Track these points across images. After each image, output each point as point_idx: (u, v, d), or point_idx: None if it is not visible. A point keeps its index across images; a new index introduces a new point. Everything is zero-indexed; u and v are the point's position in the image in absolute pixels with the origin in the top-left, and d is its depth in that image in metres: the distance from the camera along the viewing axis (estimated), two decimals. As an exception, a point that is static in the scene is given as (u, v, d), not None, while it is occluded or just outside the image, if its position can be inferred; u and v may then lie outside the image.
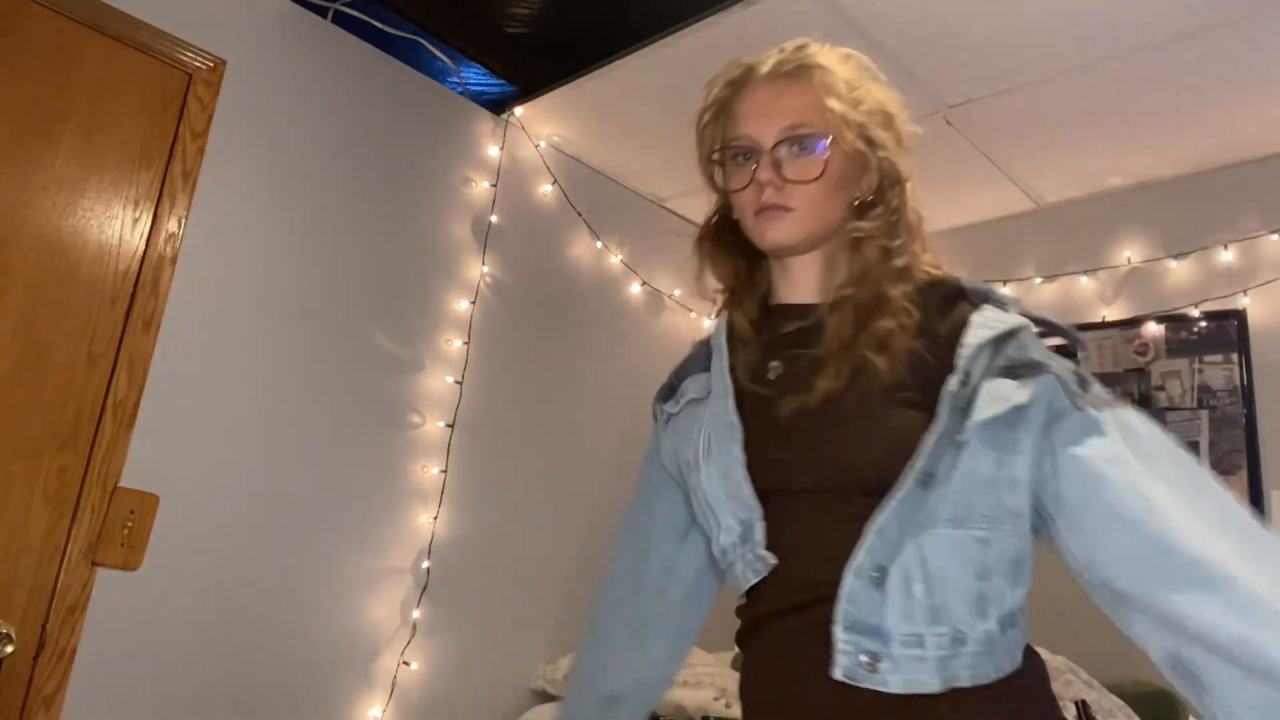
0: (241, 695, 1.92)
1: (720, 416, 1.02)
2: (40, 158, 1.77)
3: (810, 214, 1.01)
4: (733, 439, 0.99)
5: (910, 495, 0.86)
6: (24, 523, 1.69)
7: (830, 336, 0.97)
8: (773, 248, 1.04)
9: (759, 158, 1.02)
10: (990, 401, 0.86)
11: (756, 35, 2.09)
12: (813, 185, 1.00)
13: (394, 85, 2.34)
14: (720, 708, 2.12)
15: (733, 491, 0.97)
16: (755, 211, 1.02)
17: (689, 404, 1.11)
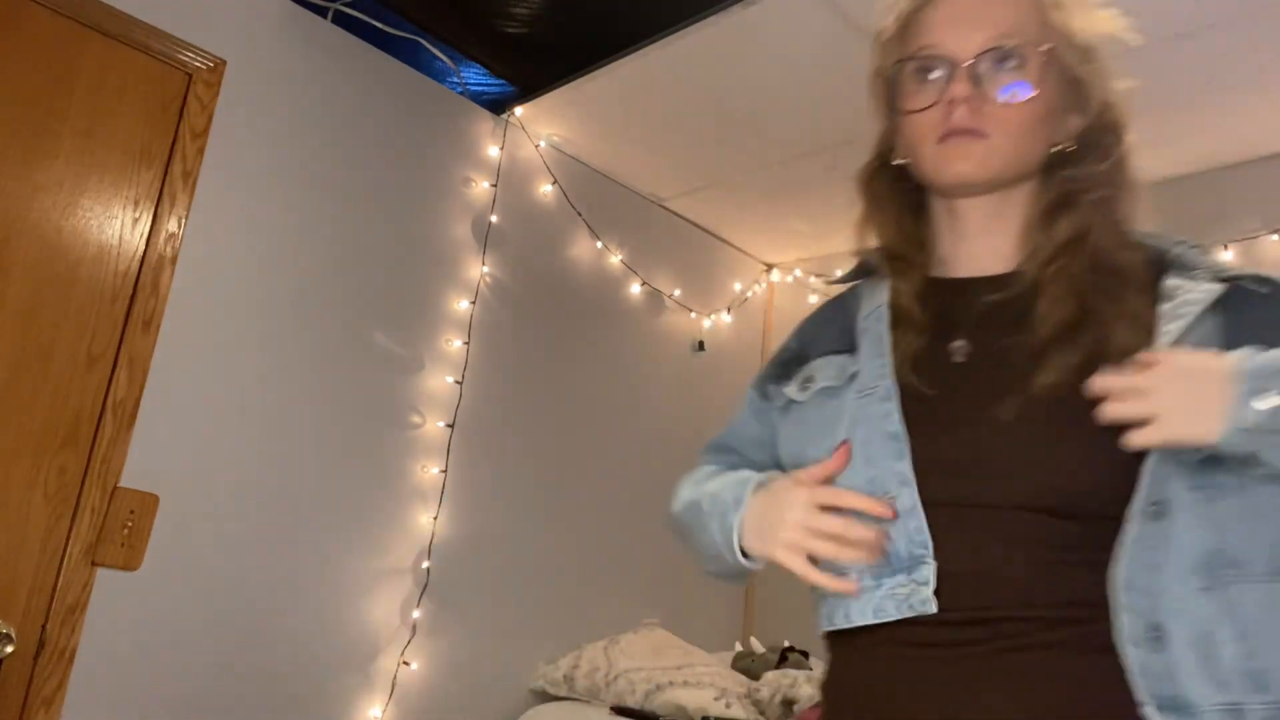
0: (241, 695, 1.92)
1: (876, 421, 0.83)
2: (40, 158, 1.77)
3: (1007, 147, 0.83)
4: (897, 453, 0.81)
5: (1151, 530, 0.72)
6: (24, 523, 1.69)
7: (1046, 316, 0.79)
8: (954, 184, 0.86)
9: (952, 72, 0.83)
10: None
11: (756, 35, 2.09)
12: (1018, 111, 0.82)
13: (394, 85, 2.34)
14: (720, 708, 2.12)
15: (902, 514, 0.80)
16: (940, 137, 0.84)
17: (821, 393, 0.91)
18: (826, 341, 0.95)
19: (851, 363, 0.89)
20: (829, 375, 0.91)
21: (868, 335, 0.89)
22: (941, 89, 0.83)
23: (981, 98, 0.82)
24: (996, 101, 0.82)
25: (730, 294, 3.19)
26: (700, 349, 3.04)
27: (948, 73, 0.83)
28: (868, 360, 0.87)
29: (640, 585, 2.74)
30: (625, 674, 2.26)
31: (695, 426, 3.01)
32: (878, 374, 0.85)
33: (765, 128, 2.47)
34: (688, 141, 2.60)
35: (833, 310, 0.99)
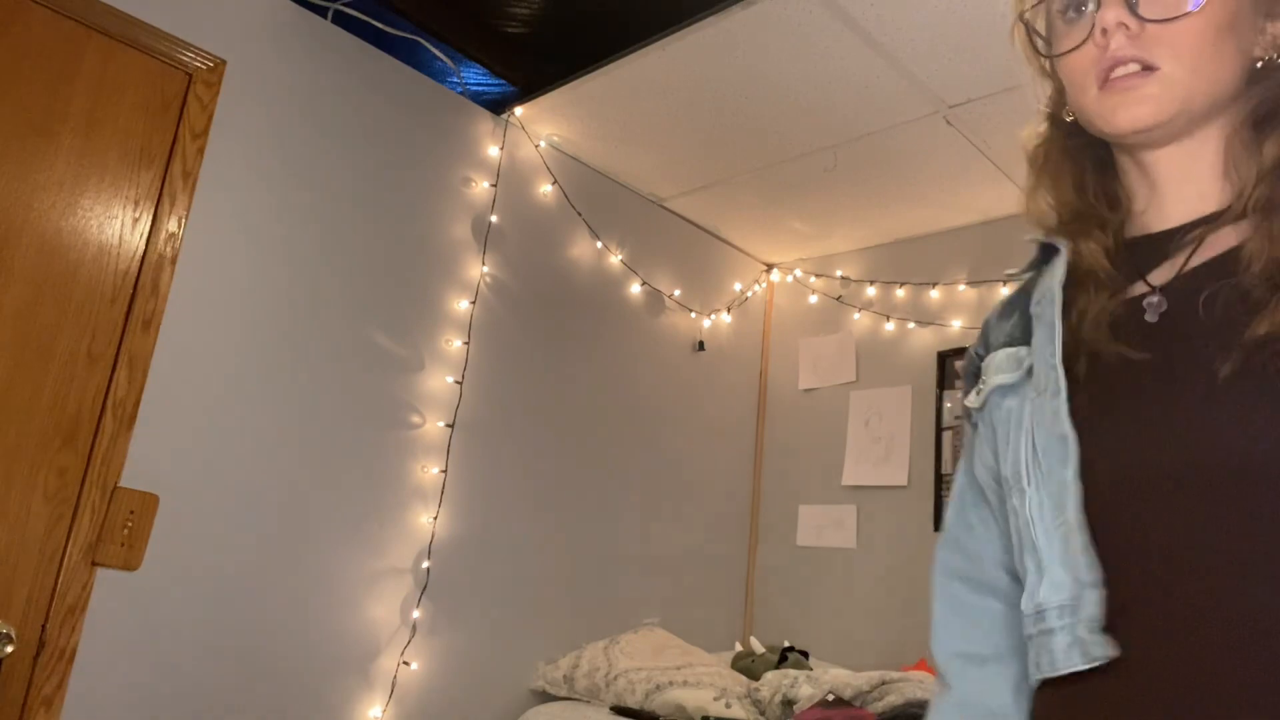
0: (241, 695, 1.92)
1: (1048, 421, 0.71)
2: (40, 158, 1.77)
3: (1187, 74, 0.68)
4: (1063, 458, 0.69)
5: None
6: (24, 523, 1.69)
7: (1256, 253, 0.64)
8: (1129, 130, 0.71)
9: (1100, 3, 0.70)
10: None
11: (756, 35, 2.09)
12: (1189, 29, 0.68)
13: (394, 85, 2.34)
14: (720, 708, 2.12)
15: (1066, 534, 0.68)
16: (1100, 79, 0.71)
17: (996, 392, 0.79)
18: (1002, 334, 0.82)
19: (1027, 354, 0.77)
20: (1003, 370, 0.78)
21: (1040, 322, 0.76)
22: (1092, 22, 0.71)
23: (1139, 19, 0.69)
24: (1161, 21, 0.68)
25: (730, 294, 3.19)
26: (700, 349, 3.04)
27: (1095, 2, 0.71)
28: (1040, 350, 0.74)
29: (640, 585, 2.74)
30: (625, 674, 2.26)
31: (695, 426, 3.01)
32: (1047, 365, 0.72)
33: (765, 127, 2.47)
34: (688, 141, 2.60)
35: (1010, 303, 0.86)
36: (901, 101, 2.28)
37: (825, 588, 2.83)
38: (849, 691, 2.06)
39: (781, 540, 3.02)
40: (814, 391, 3.11)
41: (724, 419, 3.11)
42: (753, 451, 3.19)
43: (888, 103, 2.29)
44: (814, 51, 2.13)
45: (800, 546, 2.96)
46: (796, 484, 3.05)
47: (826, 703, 2.06)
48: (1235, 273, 0.66)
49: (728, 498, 3.07)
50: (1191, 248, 0.70)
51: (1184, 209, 0.74)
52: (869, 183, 2.69)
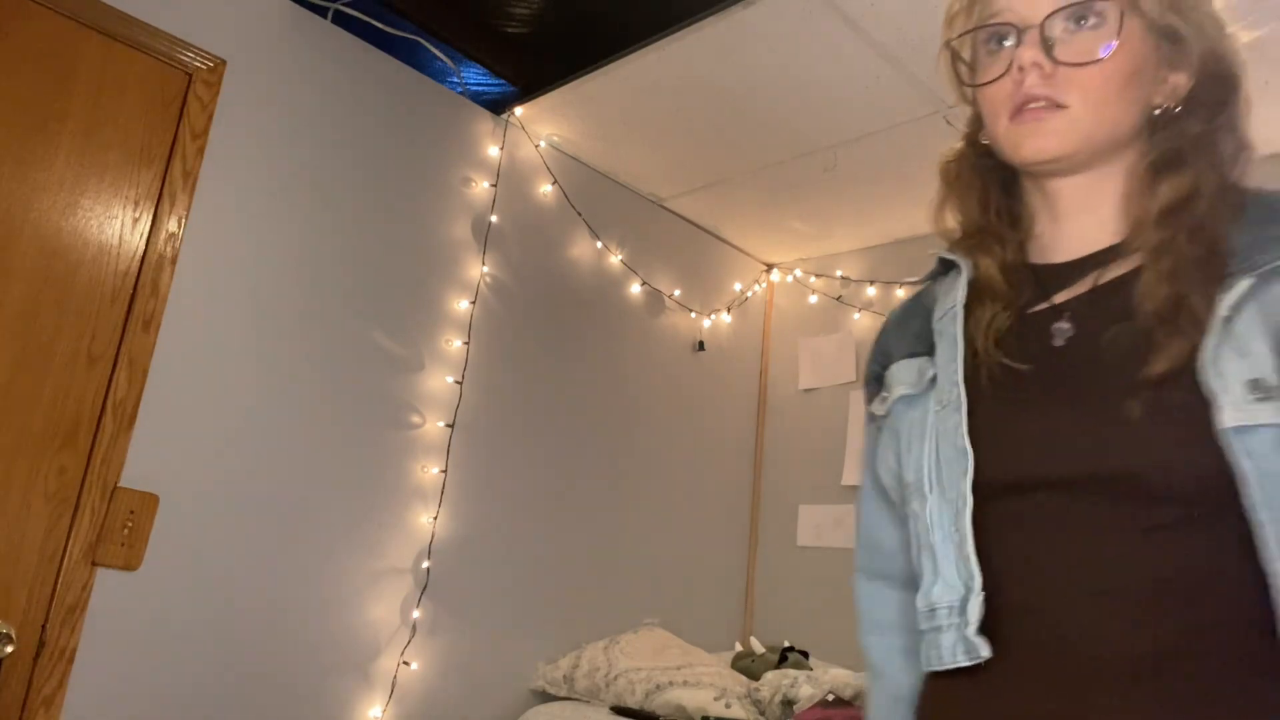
0: (241, 695, 1.92)
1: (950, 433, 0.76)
2: (40, 158, 1.77)
3: (1089, 116, 0.74)
4: (964, 470, 0.74)
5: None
6: (24, 523, 1.69)
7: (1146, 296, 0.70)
8: (1033, 160, 0.77)
9: (1021, 37, 0.76)
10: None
11: (756, 35, 2.09)
12: (1099, 73, 0.73)
13: (394, 85, 2.34)
14: (720, 708, 2.12)
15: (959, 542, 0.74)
16: (1012, 111, 0.76)
17: (899, 402, 0.84)
18: (904, 344, 0.87)
19: (929, 365, 0.82)
20: (906, 381, 0.84)
21: (943, 338, 0.81)
22: (1011, 58, 0.76)
23: (1054, 61, 0.74)
24: (1073, 65, 0.73)
25: (730, 294, 3.19)
26: (700, 349, 3.04)
27: (1016, 39, 0.76)
28: (943, 365, 0.79)
29: (640, 585, 2.74)
30: (625, 674, 2.26)
31: (695, 426, 3.01)
32: (950, 380, 0.77)
33: (765, 128, 2.47)
34: (688, 141, 2.60)
35: (908, 312, 0.91)
36: (901, 101, 2.27)
37: (825, 588, 2.83)
38: (849, 691, 2.06)
39: (781, 540, 3.02)
40: (814, 391, 3.11)
41: (724, 419, 3.11)
42: (753, 451, 3.19)
43: (888, 103, 2.29)
44: (814, 51, 2.13)
45: (800, 546, 2.96)
46: (796, 484, 3.05)
47: (826, 703, 2.06)
48: (1131, 303, 0.71)
49: (728, 498, 3.07)
50: (1095, 278, 0.76)
51: (1084, 238, 0.79)
52: (869, 183, 2.69)
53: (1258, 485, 0.63)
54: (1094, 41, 0.73)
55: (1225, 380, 0.65)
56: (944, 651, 0.74)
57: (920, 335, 0.86)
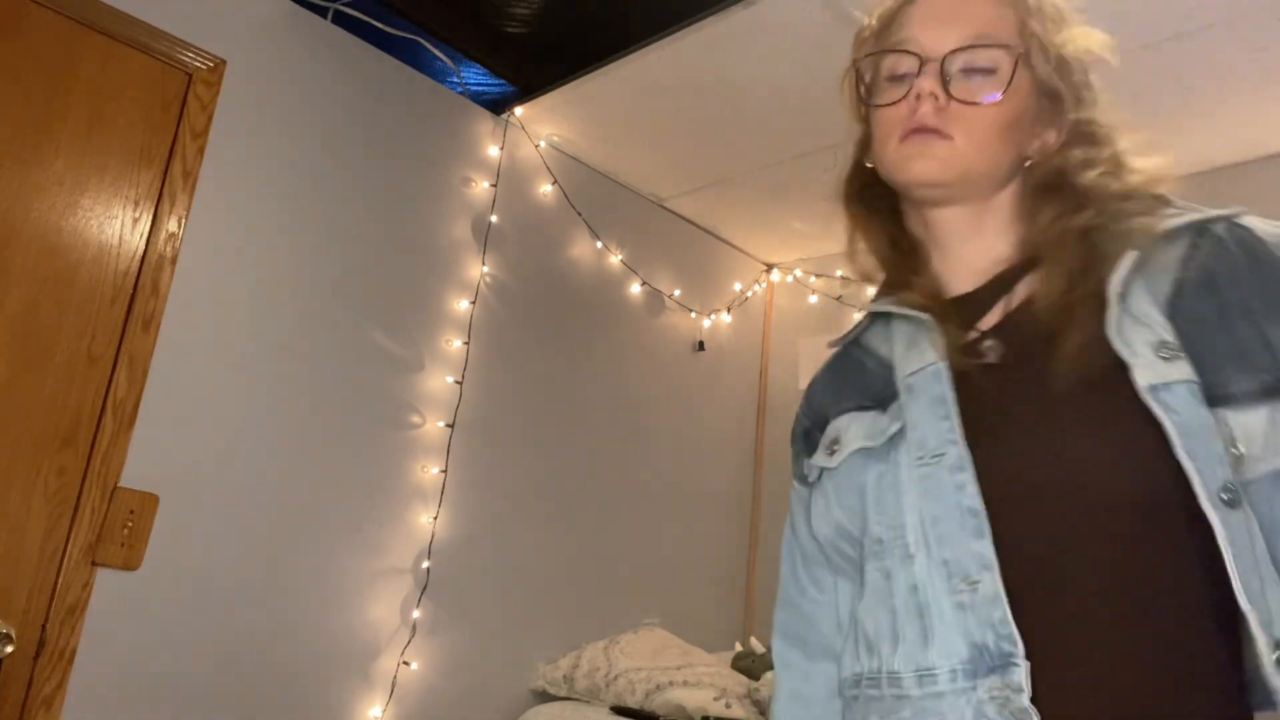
0: (241, 695, 1.92)
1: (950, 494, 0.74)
2: (40, 158, 1.77)
3: (971, 151, 0.80)
4: (976, 531, 0.71)
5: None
6: (24, 523, 1.69)
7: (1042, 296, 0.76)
8: (915, 183, 0.82)
9: (921, 68, 0.81)
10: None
11: (756, 35, 2.09)
12: (984, 114, 0.79)
13: (394, 85, 2.34)
14: (720, 708, 2.12)
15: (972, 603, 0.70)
16: (902, 134, 0.81)
17: (858, 456, 0.83)
18: (846, 399, 0.87)
19: (887, 420, 0.81)
20: (860, 434, 0.83)
21: (920, 393, 0.79)
22: (910, 86, 0.81)
23: (948, 95, 0.79)
24: (964, 103, 0.79)
25: (730, 294, 3.19)
26: (700, 349, 3.04)
27: (917, 69, 0.81)
28: (927, 423, 0.77)
29: (640, 585, 2.74)
30: (625, 674, 2.26)
31: (695, 426, 3.01)
32: (943, 439, 0.75)
33: (765, 128, 2.47)
34: (688, 141, 2.60)
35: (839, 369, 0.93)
36: (901, 101, 2.27)
37: (825, 588, 2.82)
38: (849, 691, 2.05)
39: (781, 540, 3.02)
40: (814, 391, 3.11)
41: (724, 419, 3.11)
42: (753, 451, 3.19)
43: (888, 103, 2.28)
44: (814, 51, 2.13)
45: (800, 546, 2.95)
46: (796, 484, 3.04)
47: (826, 703, 2.05)
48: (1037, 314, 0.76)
49: (728, 498, 3.07)
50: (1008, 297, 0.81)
51: (973, 267, 0.84)
52: (869, 183, 2.69)
53: (1180, 435, 0.66)
54: (986, 86, 0.79)
55: (1133, 347, 0.70)
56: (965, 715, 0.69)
57: (867, 389, 0.86)
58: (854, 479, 0.82)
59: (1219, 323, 0.70)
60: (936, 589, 0.72)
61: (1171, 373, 0.68)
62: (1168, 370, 0.68)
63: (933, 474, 0.75)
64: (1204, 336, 0.70)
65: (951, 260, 0.86)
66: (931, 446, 0.76)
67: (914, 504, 0.76)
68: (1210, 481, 0.66)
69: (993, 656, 0.68)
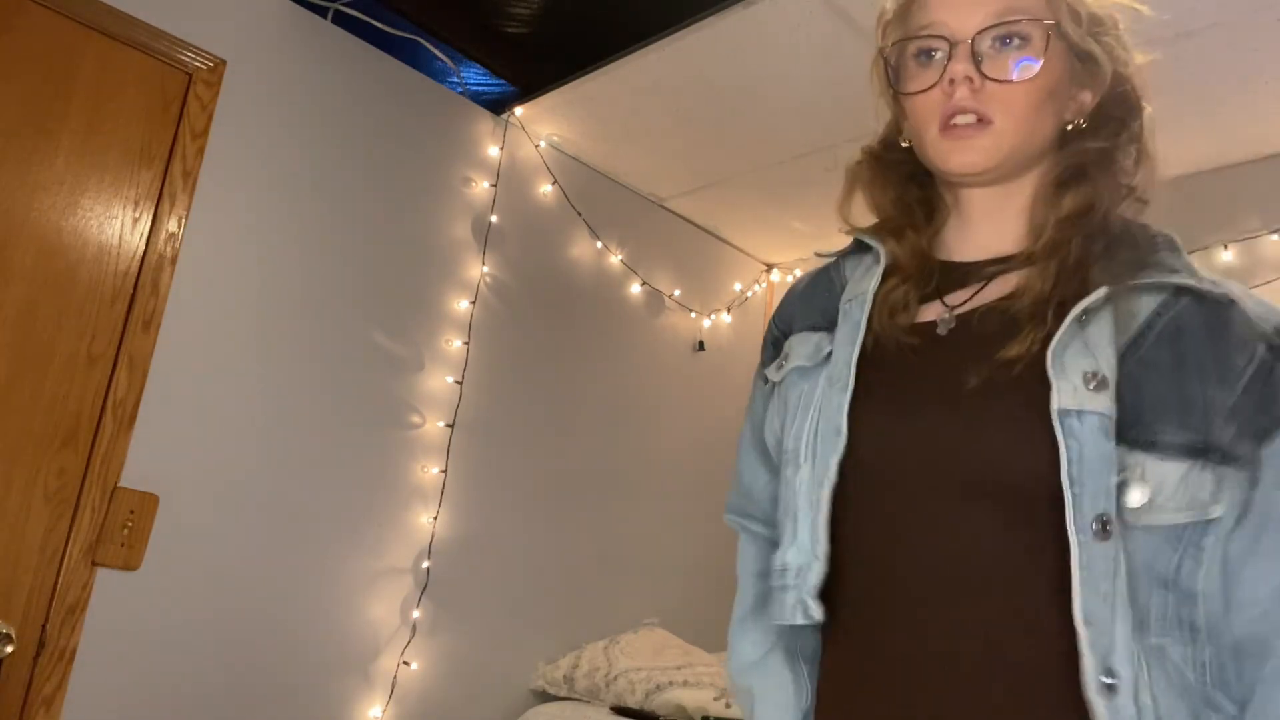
0: (241, 695, 1.92)
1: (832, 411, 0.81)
2: (40, 158, 1.77)
3: (1014, 129, 0.79)
4: (835, 447, 0.79)
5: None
6: (24, 523, 1.69)
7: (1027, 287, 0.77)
8: (959, 172, 0.82)
9: (952, 51, 0.80)
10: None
11: (756, 35, 2.09)
12: (1023, 91, 0.78)
13: (394, 85, 2.34)
14: (720, 708, 2.12)
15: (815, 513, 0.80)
16: (942, 123, 0.80)
17: (794, 372, 0.88)
18: (806, 316, 0.92)
19: (827, 341, 0.86)
20: (803, 353, 0.88)
21: (847, 319, 0.85)
22: (942, 69, 0.80)
23: (983, 76, 0.79)
24: (1000, 81, 0.78)
25: (730, 294, 3.19)
26: (700, 349, 3.04)
27: (948, 52, 0.80)
28: (841, 346, 0.84)
29: (640, 585, 2.74)
30: (625, 674, 2.26)
31: (695, 426, 3.01)
32: (845, 362, 0.82)
33: (765, 127, 2.47)
34: (688, 141, 2.59)
35: (815, 284, 0.96)
36: (901, 101, 2.27)
37: (825, 588, 2.83)
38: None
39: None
40: (814, 391, 3.11)
41: (724, 419, 3.11)
42: (753, 451, 3.18)
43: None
44: (814, 51, 2.13)
45: (800, 546, 2.96)
46: (796, 484, 3.04)
47: (826, 703, 2.05)
48: (1009, 311, 0.77)
49: (728, 498, 3.07)
50: (984, 282, 0.82)
51: (985, 243, 0.85)
52: (869, 183, 2.68)
53: (1069, 461, 0.68)
54: (1020, 62, 0.78)
55: (1065, 370, 0.71)
56: (785, 610, 0.80)
57: (824, 311, 0.89)
58: (787, 394, 0.88)
59: (1171, 373, 0.71)
60: (808, 497, 0.80)
61: (1091, 403, 0.69)
62: (1089, 399, 0.69)
63: (829, 394, 0.82)
64: (1152, 383, 0.71)
65: (969, 230, 0.87)
66: (838, 368, 0.82)
67: (813, 420, 0.82)
68: (1087, 510, 0.67)
69: (812, 559, 0.78)
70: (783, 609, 0.81)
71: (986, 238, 0.85)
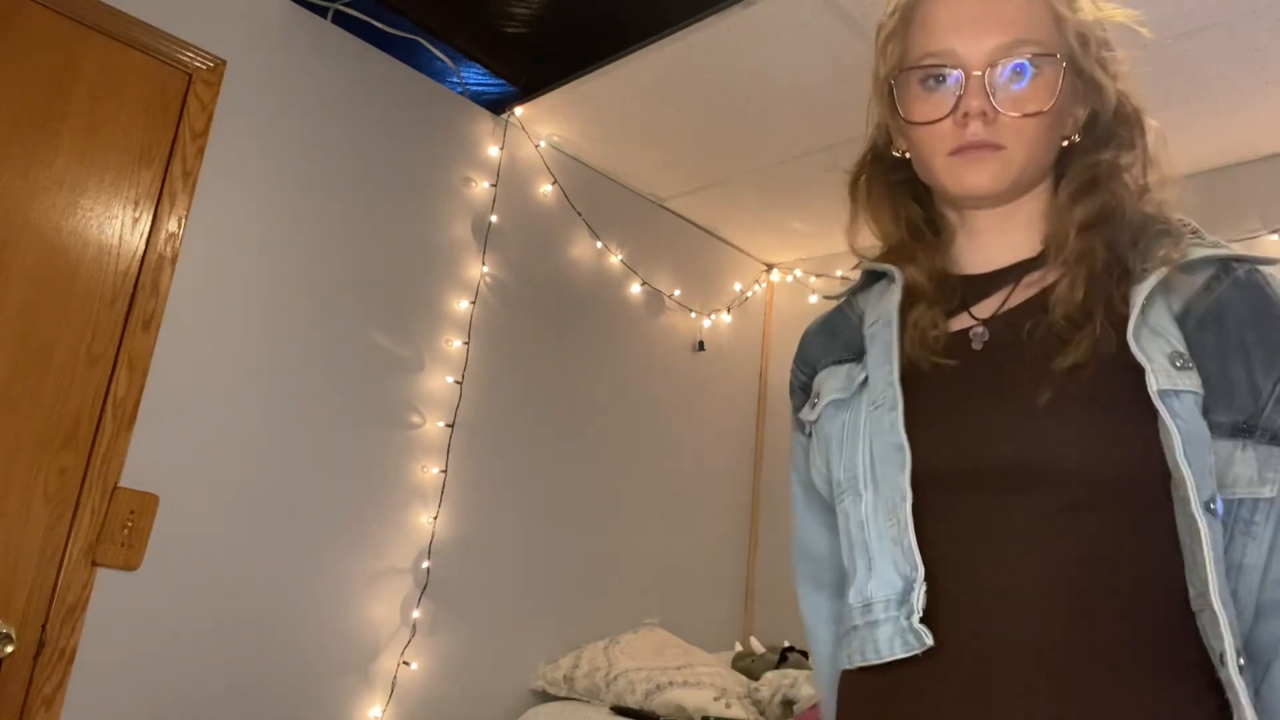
0: (241, 695, 1.92)
1: (885, 431, 0.80)
2: (40, 158, 1.77)
3: (1024, 155, 0.80)
4: (900, 465, 0.78)
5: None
6: (24, 523, 1.69)
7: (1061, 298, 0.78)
8: (971, 195, 0.83)
9: (963, 82, 0.79)
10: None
11: (756, 35, 2.09)
12: (1035, 121, 0.79)
13: (394, 85, 2.34)
14: (720, 708, 2.12)
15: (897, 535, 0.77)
16: (952, 150, 0.81)
17: (830, 406, 0.88)
18: (830, 352, 0.92)
19: (859, 370, 0.86)
20: (836, 387, 0.88)
21: (876, 342, 0.85)
22: (952, 98, 0.80)
23: (995, 109, 0.79)
24: (1012, 112, 0.79)
25: (730, 294, 3.19)
26: (700, 349, 3.04)
27: (959, 83, 0.79)
28: (876, 368, 0.83)
29: (640, 585, 2.74)
30: (625, 674, 2.26)
31: (695, 426, 3.01)
32: (885, 382, 0.82)
33: (765, 128, 2.47)
34: (688, 141, 2.60)
35: (830, 323, 0.97)
36: (901, 101, 2.27)
37: (825, 588, 2.82)
38: (849, 691, 2.05)
39: (781, 540, 3.02)
40: (814, 391, 3.10)
41: (724, 419, 3.11)
42: (753, 451, 3.19)
43: (888, 103, 2.28)
44: (815, 51, 2.13)
45: (800, 546, 2.95)
46: (796, 484, 3.04)
47: (826, 703, 2.05)
48: (1046, 310, 0.78)
49: (728, 498, 3.07)
50: (1011, 287, 0.83)
51: (997, 255, 0.86)
52: (869, 183, 2.68)
53: (1183, 442, 0.68)
54: (1034, 92, 0.79)
55: (1150, 354, 0.72)
56: (881, 645, 0.76)
57: (849, 343, 0.90)
58: (827, 429, 0.87)
59: (1216, 355, 0.73)
60: (880, 524, 0.78)
61: (1183, 381, 0.71)
62: (1180, 379, 0.71)
63: (877, 415, 0.81)
64: (1200, 363, 0.73)
65: (979, 243, 0.88)
66: (878, 391, 0.82)
67: (865, 445, 0.81)
68: (1202, 490, 0.68)
69: (909, 583, 0.74)
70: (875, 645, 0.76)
71: (997, 250, 0.86)
